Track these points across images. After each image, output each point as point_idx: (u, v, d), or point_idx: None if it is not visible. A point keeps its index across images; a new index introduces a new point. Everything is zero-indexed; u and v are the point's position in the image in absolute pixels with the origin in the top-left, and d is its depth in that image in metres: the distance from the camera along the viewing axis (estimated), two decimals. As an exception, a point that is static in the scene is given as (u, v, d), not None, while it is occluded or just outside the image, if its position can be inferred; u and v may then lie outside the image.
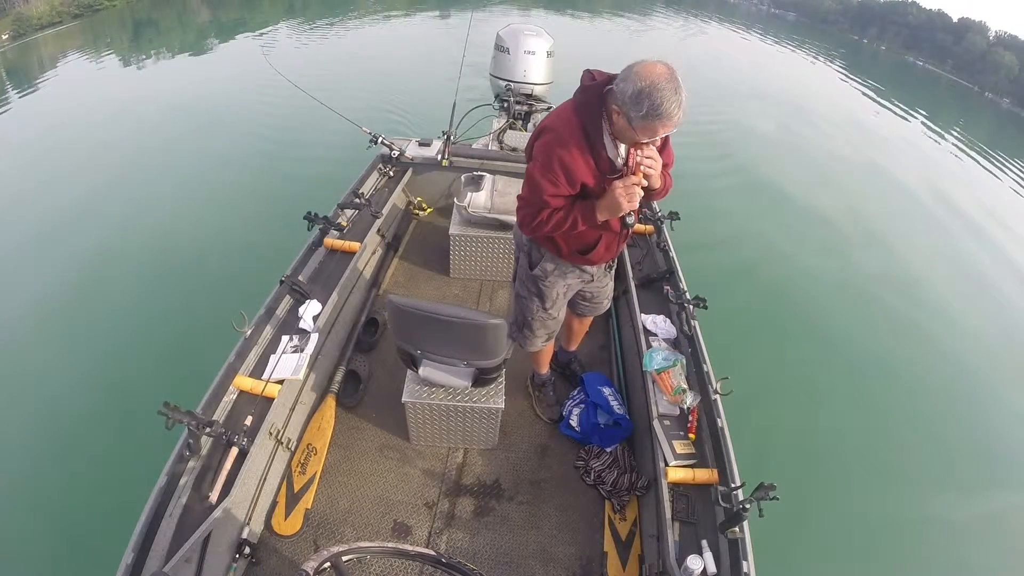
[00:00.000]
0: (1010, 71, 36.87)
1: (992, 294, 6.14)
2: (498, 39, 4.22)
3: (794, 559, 2.78)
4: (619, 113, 1.42)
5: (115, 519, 1.77)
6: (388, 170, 3.37)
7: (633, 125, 1.40)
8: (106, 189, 5.78)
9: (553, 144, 1.52)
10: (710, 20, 26.27)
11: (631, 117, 1.38)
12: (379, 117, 7.38)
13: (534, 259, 1.85)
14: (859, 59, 30.08)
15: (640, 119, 1.37)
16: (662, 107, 1.33)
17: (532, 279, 1.88)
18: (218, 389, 1.88)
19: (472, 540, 1.94)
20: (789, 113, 11.40)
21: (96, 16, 16.38)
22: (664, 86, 1.32)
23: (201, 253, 4.70)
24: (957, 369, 4.66)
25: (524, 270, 1.91)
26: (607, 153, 1.54)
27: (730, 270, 5.11)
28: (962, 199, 9.02)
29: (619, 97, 1.39)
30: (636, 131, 1.42)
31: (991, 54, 38.94)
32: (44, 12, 14.92)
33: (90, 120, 7.74)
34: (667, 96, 1.32)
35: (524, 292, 1.95)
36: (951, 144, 13.56)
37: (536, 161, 1.57)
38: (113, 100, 8.67)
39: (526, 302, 1.96)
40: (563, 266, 1.84)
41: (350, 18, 15.95)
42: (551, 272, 1.85)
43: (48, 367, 3.56)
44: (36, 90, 9.48)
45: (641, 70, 1.35)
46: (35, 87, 9.53)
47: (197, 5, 18.74)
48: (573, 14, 20.13)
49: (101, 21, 16.06)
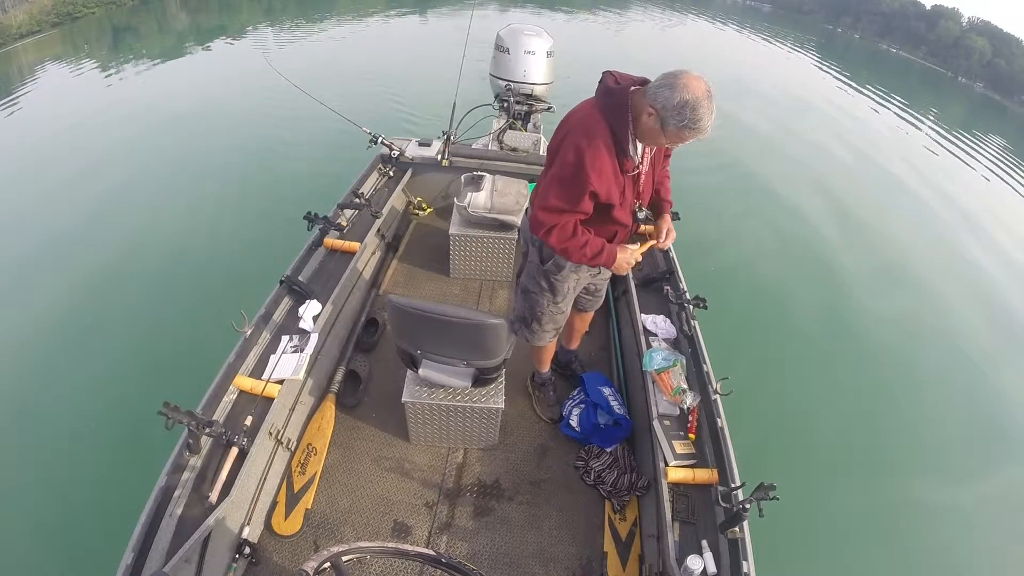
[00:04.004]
0: (983, 55, 37.37)
1: (992, 294, 6.15)
2: (498, 39, 4.21)
3: (794, 559, 2.78)
4: (652, 115, 1.47)
5: (115, 519, 1.77)
6: (388, 170, 3.36)
7: (666, 130, 1.48)
8: (104, 192, 5.77)
9: (584, 146, 1.55)
10: (687, 13, 26.41)
11: (667, 122, 1.46)
12: (379, 117, 7.38)
13: (546, 254, 1.87)
14: (834, 48, 30.30)
15: (676, 127, 1.46)
16: (701, 122, 1.44)
17: (544, 273, 1.90)
18: (218, 389, 1.88)
19: (472, 540, 1.94)
20: (776, 107, 11.51)
21: (76, 24, 16.33)
22: (706, 104, 1.42)
23: (201, 253, 4.70)
24: (959, 365, 4.68)
25: (534, 265, 1.92)
26: (631, 153, 1.59)
27: (730, 270, 5.11)
28: (948, 188, 9.16)
29: (659, 101, 1.45)
30: (666, 135, 1.50)
31: (964, 39, 39.38)
32: (23, 21, 14.73)
33: (80, 126, 7.68)
34: (706, 114, 1.43)
35: (534, 287, 1.95)
36: (929, 131, 13.72)
37: (567, 163, 1.58)
38: (102, 105, 8.60)
39: (536, 297, 1.96)
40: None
41: (331, 21, 15.97)
42: (563, 266, 1.86)
43: (48, 367, 3.56)
44: (19, 98, 9.49)
45: (688, 82, 1.43)
46: (15, 97, 9.54)
47: (176, 10, 18.78)
48: (551, 11, 20.18)
49: (81, 29, 16.05)
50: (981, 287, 6.19)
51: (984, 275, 6.49)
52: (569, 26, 18.26)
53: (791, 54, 21.39)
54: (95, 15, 17.48)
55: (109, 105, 8.65)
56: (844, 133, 10.72)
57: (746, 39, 22.74)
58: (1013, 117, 27.10)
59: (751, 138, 9.14)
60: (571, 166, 1.56)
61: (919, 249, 6.68)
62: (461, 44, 3.67)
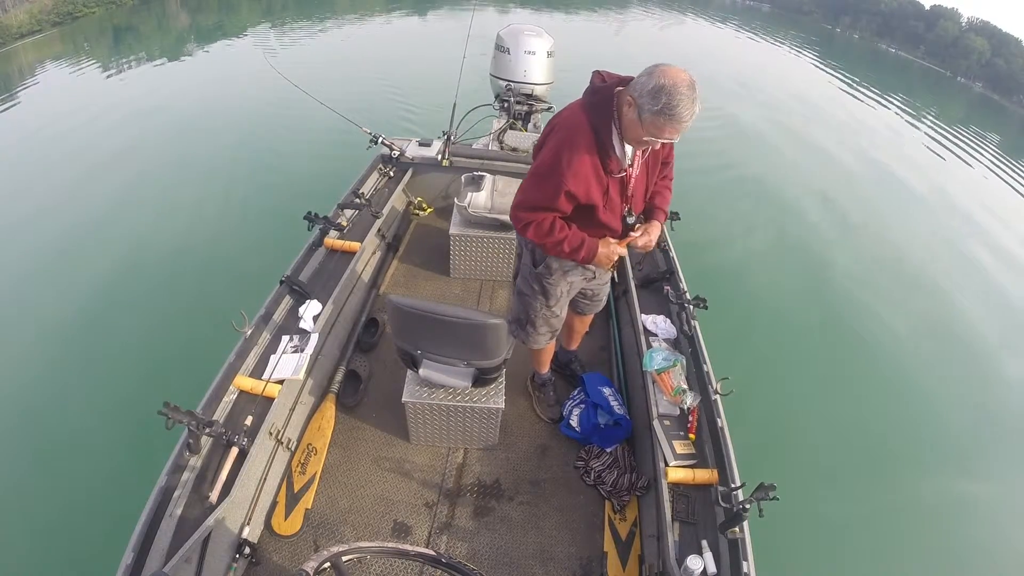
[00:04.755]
0: (982, 55, 37.38)
1: (993, 292, 6.15)
2: (498, 39, 4.21)
3: (794, 559, 2.78)
4: (631, 104, 1.43)
5: (115, 519, 1.77)
6: (388, 170, 3.37)
7: (643, 119, 1.42)
8: (104, 193, 5.78)
9: (563, 145, 1.52)
10: (686, 12, 26.44)
11: (643, 109, 1.40)
12: (379, 117, 7.38)
13: (538, 257, 1.85)
14: (833, 48, 30.32)
15: (651, 114, 1.39)
16: (677, 108, 1.36)
17: (536, 276, 1.88)
18: (218, 389, 1.88)
19: (472, 540, 1.94)
20: (776, 106, 11.50)
21: (76, 23, 16.36)
22: (684, 91, 1.36)
23: (201, 254, 4.70)
24: (960, 363, 4.68)
25: (527, 267, 1.90)
26: (615, 153, 1.55)
27: (730, 269, 5.11)
28: (948, 187, 9.20)
29: (637, 88, 1.41)
30: (643, 126, 1.43)
31: (963, 39, 39.39)
32: (24, 21, 14.77)
33: (80, 125, 7.70)
34: (684, 100, 1.36)
35: (527, 290, 1.94)
36: (928, 130, 13.73)
37: (544, 162, 1.57)
38: (101, 106, 8.62)
39: (529, 299, 1.95)
40: (566, 264, 1.83)
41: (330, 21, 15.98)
42: (555, 270, 1.85)
43: (49, 367, 3.56)
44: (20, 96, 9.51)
45: (667, 70, 1.38)
46: (16, 94, 9.56)
47: (176, 10, 18.79)
48: (551, 11, 20.20)
49: (81, 28, 16.09)
50: (982, 286, 6.19)
51: (985, 274, 6.49)
52: (570, 26, 18.26)
53: (791, 54, 21.41)
54: (95, 14, 17.52)
55: (109, 106, 8.65)
56: (843, 132, 10.76)
57: (746, 39, 22.77)
58: (1012, 117, 27.12)
59: (751, 138, 9.15)
60: (547, 165, 1.56)
61: (919, 249, 6.69)
62: (461, 44, 3.67)
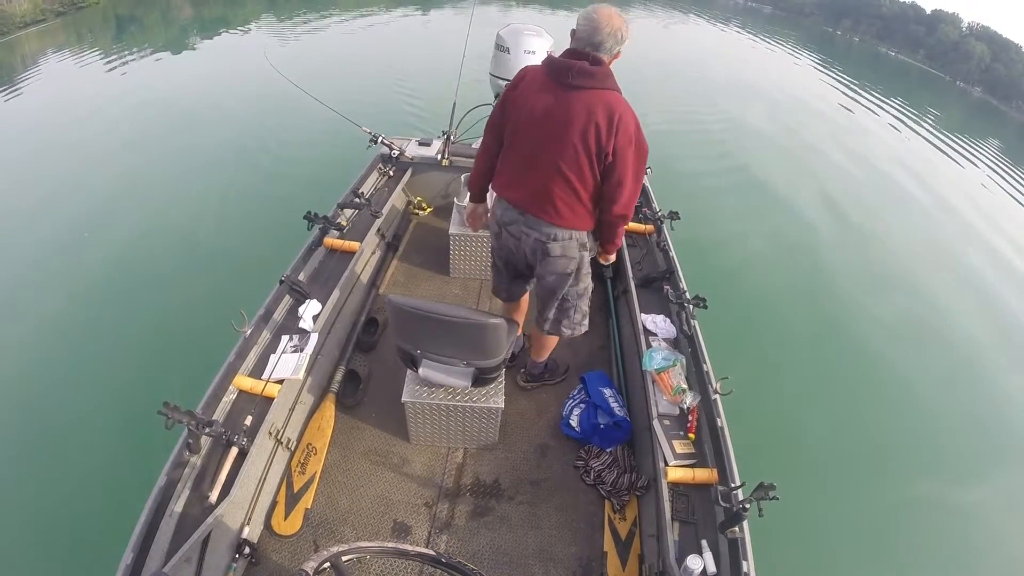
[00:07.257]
0: (982, 60, 37.41)
1: (991, 296, 6.15)
2: (498, 39, 4.20)
3: (794, 559, 2.78)
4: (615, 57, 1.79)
5: (115, 519, 1.77)
6: (388, 170, 3.36)
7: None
8: (102, 189, 5.76)
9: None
10: (688, 12, 26.46)
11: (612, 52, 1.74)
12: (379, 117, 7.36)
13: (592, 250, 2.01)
14: (834, 51, 30.38)
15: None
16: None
17: (591, 268, 2.05)
18: (218, 389, 1.88)
19: (472, 540, 1.94)
20: (776, 107, 11.50)
21: (80, 13, 16.35)
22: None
23: (200, 253, 4.69)
24: (958, 366, 4.67)
25: (589, 264, 2.02)
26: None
27: (730, 269, 5.11)
28: (947, 191, 9.16)
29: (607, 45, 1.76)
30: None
31: (964, 44, 39.48)
32: (27, 10, 14.72)
33: (80, 119, 7.67)
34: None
35: (589, 282, 2.09)
36: (927, 134, 13.71)
37: (641, 148, 1.73)
38: (103, 98, 8.60)
39: (593, 293, 2.14)
40: None
41: (334, 17, 15.97)
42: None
43: (48, 367, 3.56)
44: (22, 87, 9.49)
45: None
46: (19, 85, 9.55)
47: (180, 2, 18.76)
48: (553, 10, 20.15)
49: (84, 18, 16.09)
50: (980, 290, 6.18)
51: (984, 279, 6.47)
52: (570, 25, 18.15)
53: (791, 56, 21.39)
54: (99, 4, 17.50)
55: (110, 99, 8.62)
56: (843, 135, 10.72)
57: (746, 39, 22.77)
58: (1011, 122, 27.11)
59: (752, 138, 9.14)
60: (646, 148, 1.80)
61: (919, 252, 6.67)
62: (461, 43, 3.67)
